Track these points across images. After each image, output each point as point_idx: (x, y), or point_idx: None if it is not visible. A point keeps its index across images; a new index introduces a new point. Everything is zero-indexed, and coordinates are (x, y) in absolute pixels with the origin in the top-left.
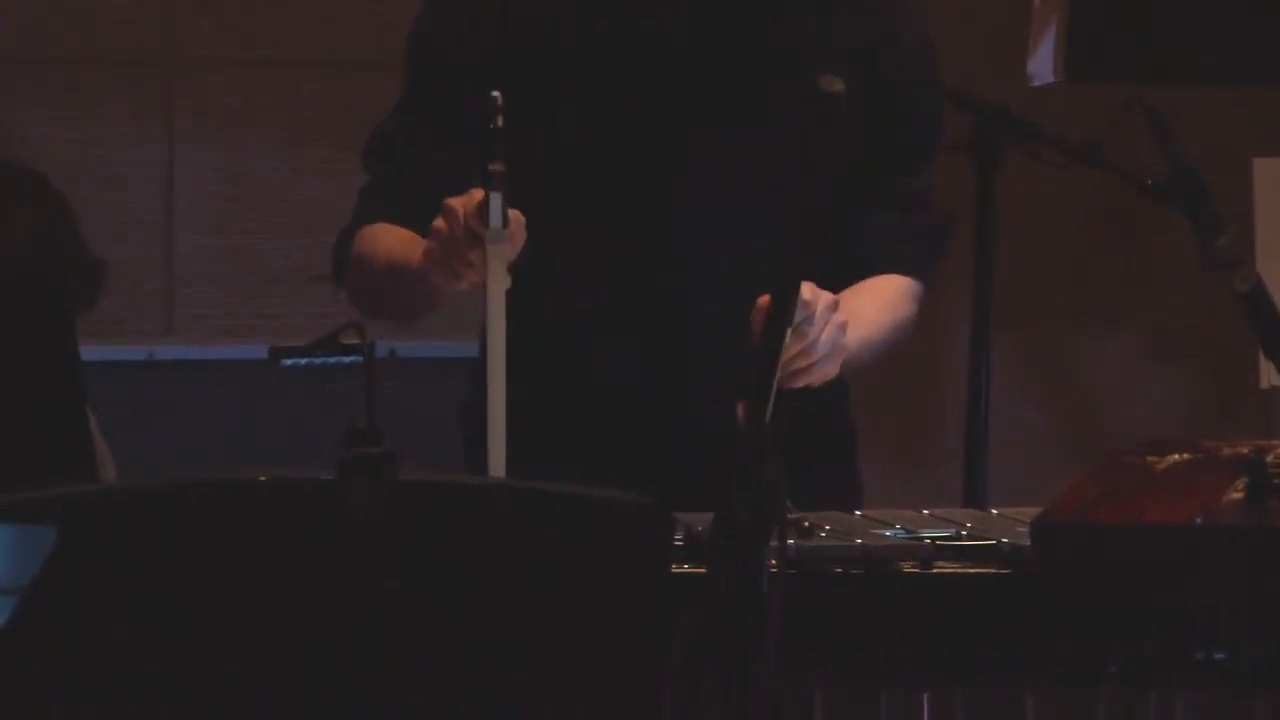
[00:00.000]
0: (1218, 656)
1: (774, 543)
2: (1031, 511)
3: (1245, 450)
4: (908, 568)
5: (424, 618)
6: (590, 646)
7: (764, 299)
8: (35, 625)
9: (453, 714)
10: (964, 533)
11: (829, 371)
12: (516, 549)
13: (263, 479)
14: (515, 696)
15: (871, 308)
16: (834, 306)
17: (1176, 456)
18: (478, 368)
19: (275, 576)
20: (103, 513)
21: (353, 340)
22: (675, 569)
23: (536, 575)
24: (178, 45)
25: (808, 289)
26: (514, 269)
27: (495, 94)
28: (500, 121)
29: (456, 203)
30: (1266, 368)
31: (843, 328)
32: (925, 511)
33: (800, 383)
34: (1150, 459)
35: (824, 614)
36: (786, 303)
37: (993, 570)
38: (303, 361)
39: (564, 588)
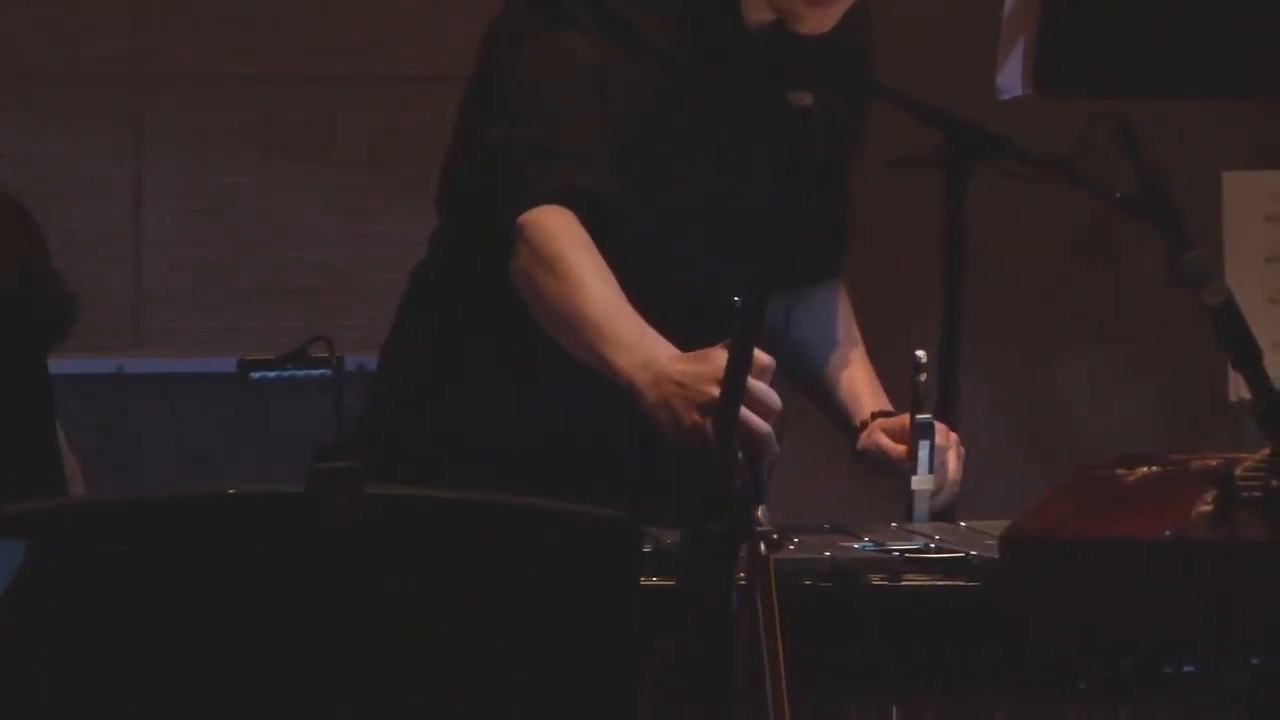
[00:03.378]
0: (1188, 670)
1: (744, 555)
2: (1000, 524)
3: (1215, 463)
4: (876, 580)
5: (394, 630)
6: (561, 658)
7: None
8: (5, 638)
9: None
10: (932, 545)
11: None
12: (485, 561)
13: (232, 492)
14: (484, 706)
15: (864, 368)
16: (949, 436)
17: (1146, 470)
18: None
19: (245, 589)
20: (73, 527)
21: (322, 354)
22: (644, 581)
23: (505, 587)
24: (148, 61)
25: (941, 434)
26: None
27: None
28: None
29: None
30: (1236, 380)
31: (958, 445)
32: (894, 524)
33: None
34: (1120, 472)
35: (793, 626)
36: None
37: (961, 583)
38: (272, 375)
39: (534, 599)
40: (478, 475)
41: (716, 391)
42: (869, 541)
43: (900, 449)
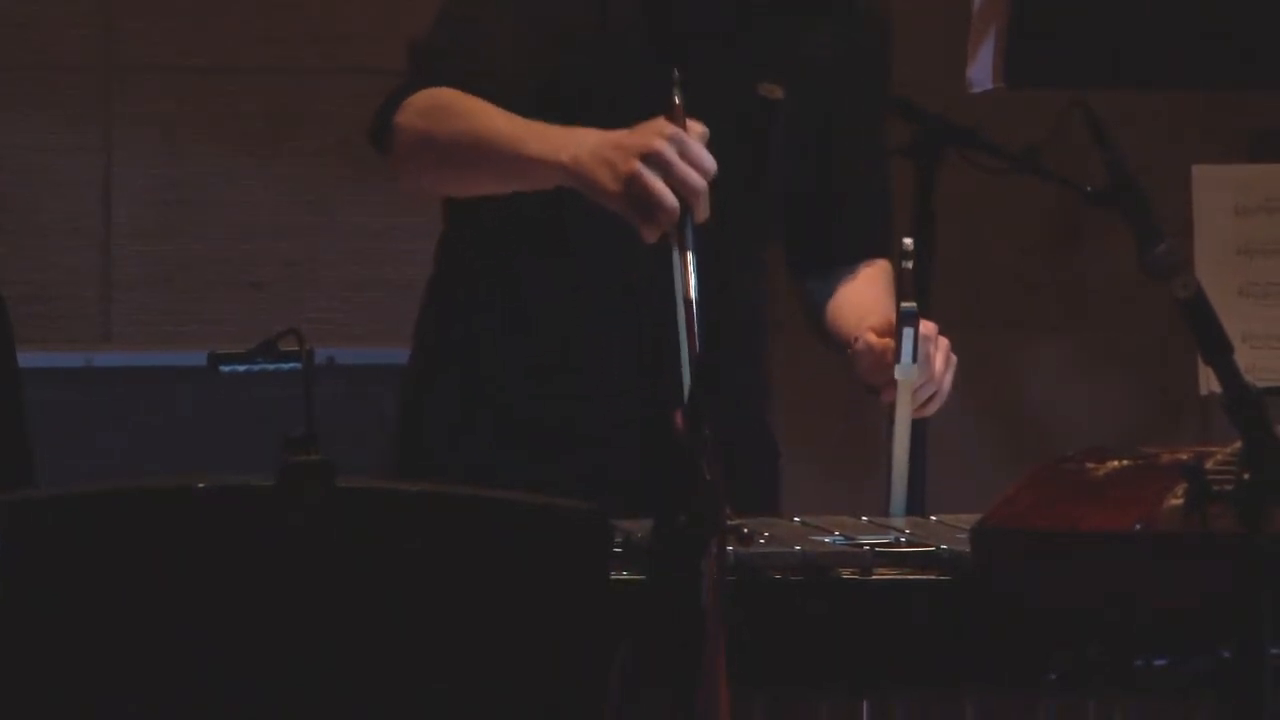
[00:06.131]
0: (1158, 663)
1: (714, 549)
2: (971, 518)
3: (1185, 456)
4: (847, 574)
5: (362, 623)
6: (529, 650)
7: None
8: None
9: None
10: (903, 539)
11: (946, 394)
12: (453, 554)
13: (202, 485)
14: (453, 698)
15: (882, 300)
16: (938, 339)
17: (1116, 463)
18: (415, 372)
19: (215, 582)
20: (42, 520)
21: (291, 347)
22: (614, 575)
23: (474, 580)
24: (117, 52)
25: (929, 325)
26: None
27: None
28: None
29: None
30: (1206, 374)
31: (948, 350)
32: (864, 518)
33: (930, 410)
34: (1090, 465)
35: (763, 621)
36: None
37: (932, 576)
38: (241, 368)
39: (502, 592)
40: (499, 451)
41: (656, 143)
42: (840, 535)
43: (886, 341)
